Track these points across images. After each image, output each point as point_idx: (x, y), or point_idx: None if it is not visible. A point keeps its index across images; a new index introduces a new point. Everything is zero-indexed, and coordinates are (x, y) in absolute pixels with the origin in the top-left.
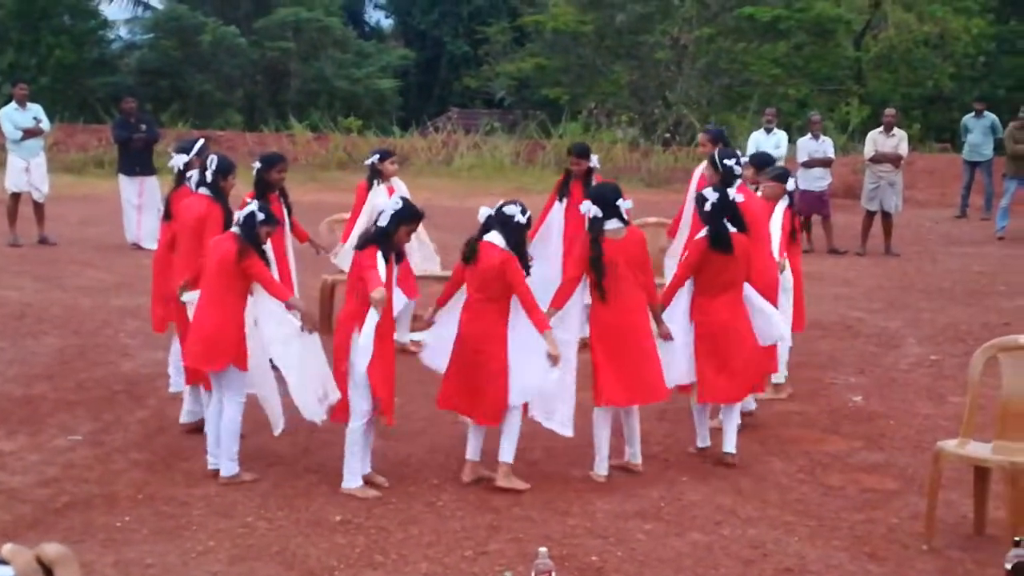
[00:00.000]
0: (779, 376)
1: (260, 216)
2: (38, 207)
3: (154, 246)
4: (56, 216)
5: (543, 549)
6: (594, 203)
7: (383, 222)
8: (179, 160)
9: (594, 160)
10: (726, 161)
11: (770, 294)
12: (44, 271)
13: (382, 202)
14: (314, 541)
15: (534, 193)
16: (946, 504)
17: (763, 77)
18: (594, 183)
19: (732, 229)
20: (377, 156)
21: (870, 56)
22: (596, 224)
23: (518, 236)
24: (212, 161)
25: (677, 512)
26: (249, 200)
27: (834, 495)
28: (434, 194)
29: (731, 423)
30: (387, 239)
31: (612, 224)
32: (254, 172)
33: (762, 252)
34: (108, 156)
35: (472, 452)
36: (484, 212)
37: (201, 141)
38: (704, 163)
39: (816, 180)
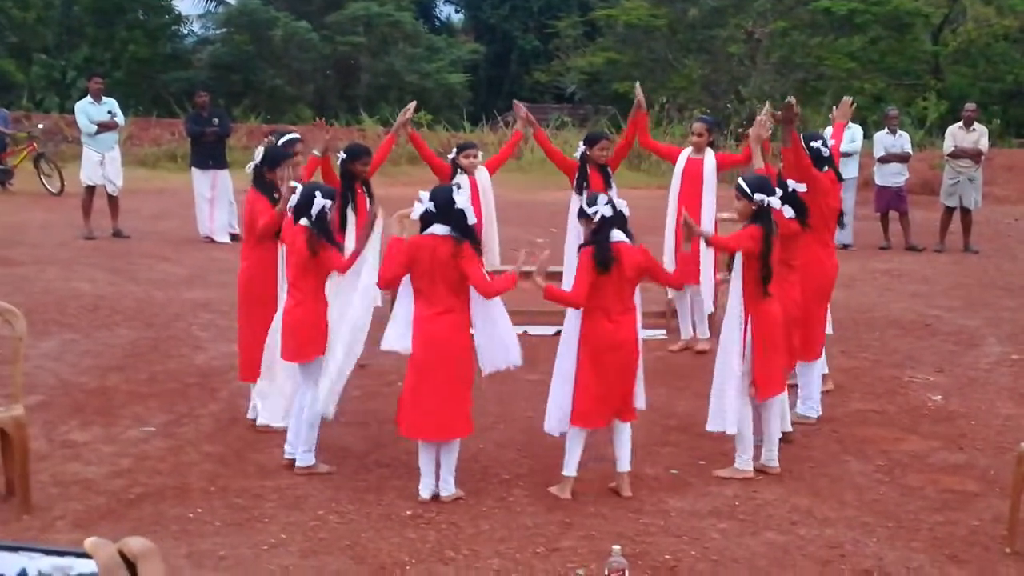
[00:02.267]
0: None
1: (326, 203)
2: (112, 200)
3: (226, 239)
4: (129, 209)
5: (616, 547)
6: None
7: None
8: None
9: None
10: (813, 143)
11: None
12: (117, 264)
13: (465, 194)
14: (385, 535)
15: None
16: None
17: (838, 71)
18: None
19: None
20: (456, 150)
21: (948, 50)
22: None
23: (463, 222)
24: (258, 153)
25: (752, 511)
26: (297, 185)
27: (913, 496)
28: (504, 189)
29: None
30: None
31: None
32: (338, 163)
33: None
34: (181, 150)
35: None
36: (419, 208)
37: (288, 136)
38: (690, 148)
39: (893, 176)
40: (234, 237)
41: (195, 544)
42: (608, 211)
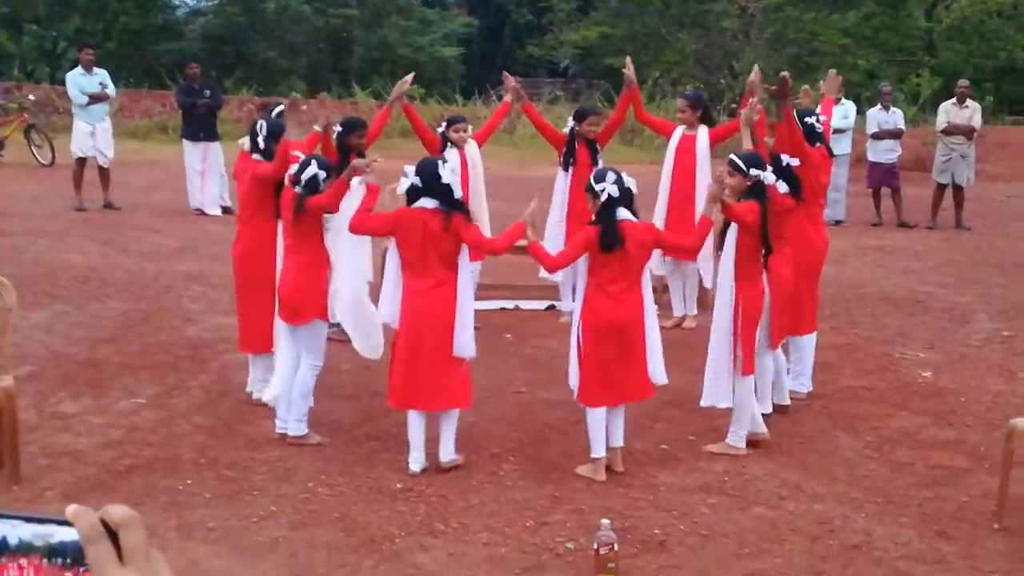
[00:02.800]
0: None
1: (322, 175)
2: (103, 172)
3: (217, 212)
4: (120, 181)
5: (605, 521)
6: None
7: None
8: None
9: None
10: (807, 119)
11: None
12: (109, 235)
13: (455, 166)
14: (375, 508)
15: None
16: (1018, 482)
17: (832, 47)
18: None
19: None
20: (446, 123)
21: (942, 27)
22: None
23: (449, 196)
24: (262, 127)
25: (741, 486)
26: (301, 155)
27: (903, 472)
28: (496, 163)
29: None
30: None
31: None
32: (334, 136)
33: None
34: (172, 122)
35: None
36: (405, 182)
37: (280, 107)
38: (683, 127)
39: (886, 152)
40: (225, 210)
41: (185, 516)
42: (615, 190)
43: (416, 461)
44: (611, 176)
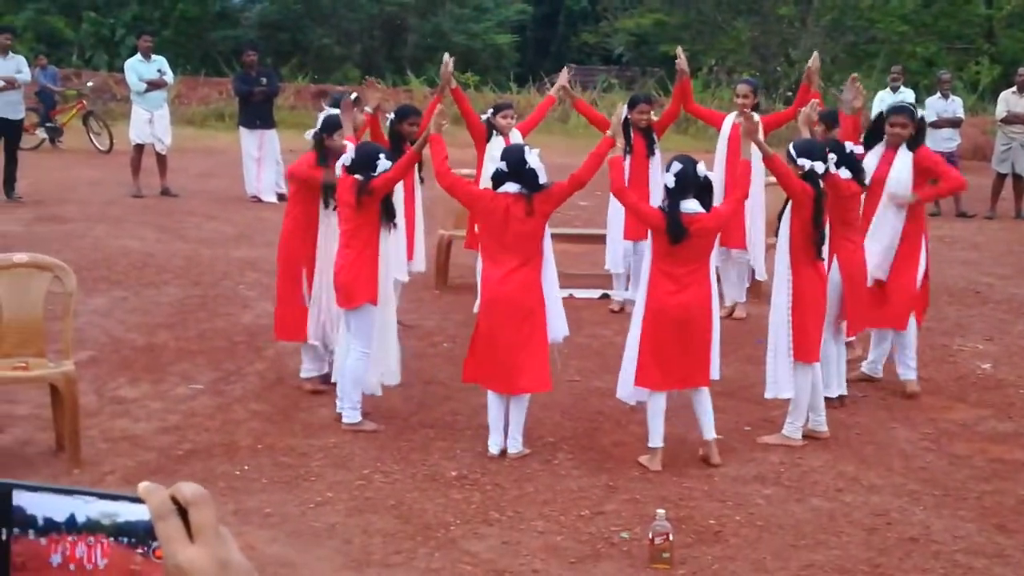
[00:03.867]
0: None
1: (387, 165)
2: (161, 159)
3: (273, 199)
4: (178, 168)
5: (661, 511)
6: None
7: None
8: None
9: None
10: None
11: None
12: (166, 222)
13: (499, 154)
14: (430, 496)
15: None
16: None
17: (890, 34)
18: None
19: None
20: (492, 110)
21: (1002, 14)
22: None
23: (534, 180)
24: (319, 118)
25: (797, 478)
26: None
27: (961, 464)
28: (549, 151)
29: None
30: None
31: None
32: (387, 124)
33: None
34: (229, 109)
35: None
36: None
37: (352, 96)
38: (735, 113)
39: (944, 141)
40: (281, 197)
41: (242, 501)
42: (671, 181)
43: (495, 444)
44: (674, 166)
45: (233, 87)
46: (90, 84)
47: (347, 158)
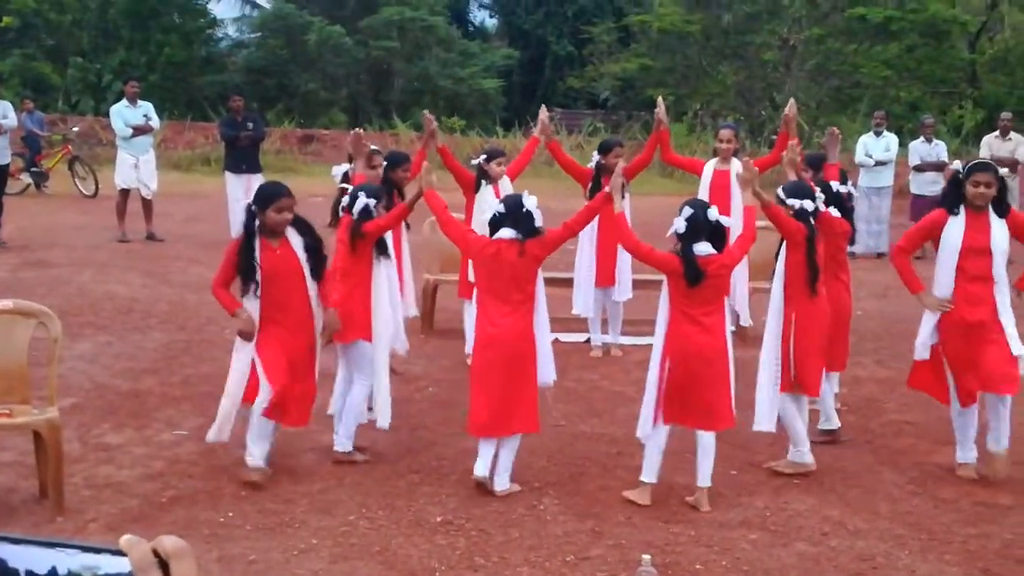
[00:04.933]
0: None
1: (372, 203)
2: (146, 203)
3: None
4: (163, 213)
5: (647, 556)
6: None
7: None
8: (338, 171)
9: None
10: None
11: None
12: (151, 267)
13: (490, 202)
14: (415, 541)
15: (637, 195)
16: None
17: (874, 79)
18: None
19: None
20: (484, 157)
21: (985, 58)
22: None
23: (530, 224)
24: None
25: (783, 522)
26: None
27: (947, 508)
28: (537, 194)
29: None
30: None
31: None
32: (380, 170)
33: None
34: (215, 154)
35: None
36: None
37: (371, 148)
38: (715, 160)
39: (929, 185)
40: None
41: (226, 548)
42: (681, 226)
43: (481, 468)
44: (686, 211)
45: (219, 132)
46: (76, 129)
47: (348, 199)
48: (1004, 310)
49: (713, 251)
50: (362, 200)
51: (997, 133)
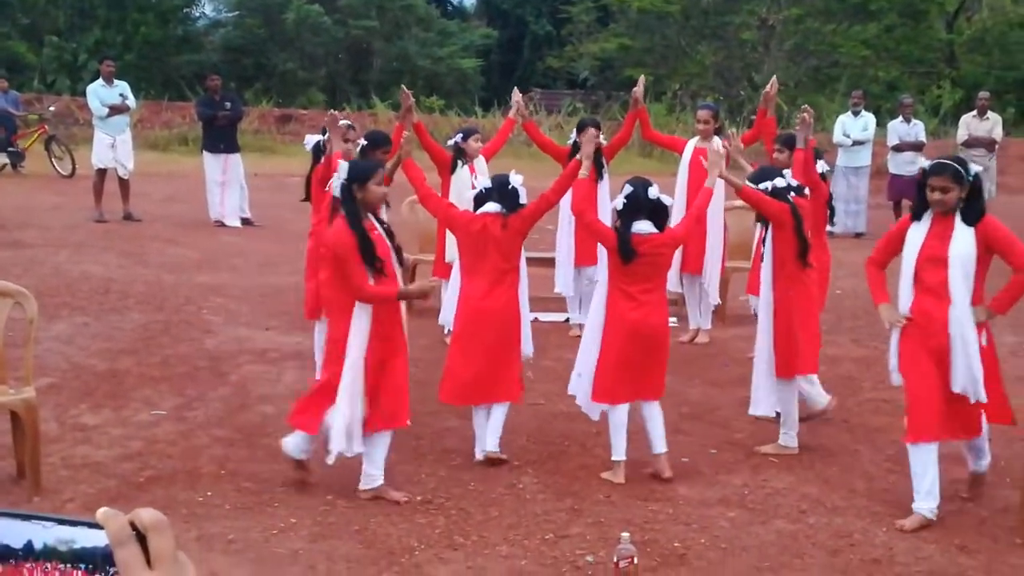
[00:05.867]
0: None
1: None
2: (123, 183)
3: (237, 223)
4: (140, 193)
5: (625, 534)
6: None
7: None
8: (311, 140)
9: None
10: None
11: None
12: (128, 247)
13: (465, 181)
14: (394, 521)
15: (618, 175)
16: None
17: (852, 59)
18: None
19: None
20: (460, 135)
21: (963, 39)
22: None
23: (514, 200)
24: (308, 141)
25: (761, 500)
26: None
27: None
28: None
29: None
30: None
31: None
32: (357, 150)
33: None
34: (192, 133)
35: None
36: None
37: (343, 122)
38: (696, 137)
39: (907, 164)
40: (245, 221)
41: (205, 527)
42: (619, 203)
43: (481, 451)
44: (626, 188)
45: (196, 111)
46: (52, 109)
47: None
48: (961, 338)
49: (654, 230)
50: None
51: (975, 113)
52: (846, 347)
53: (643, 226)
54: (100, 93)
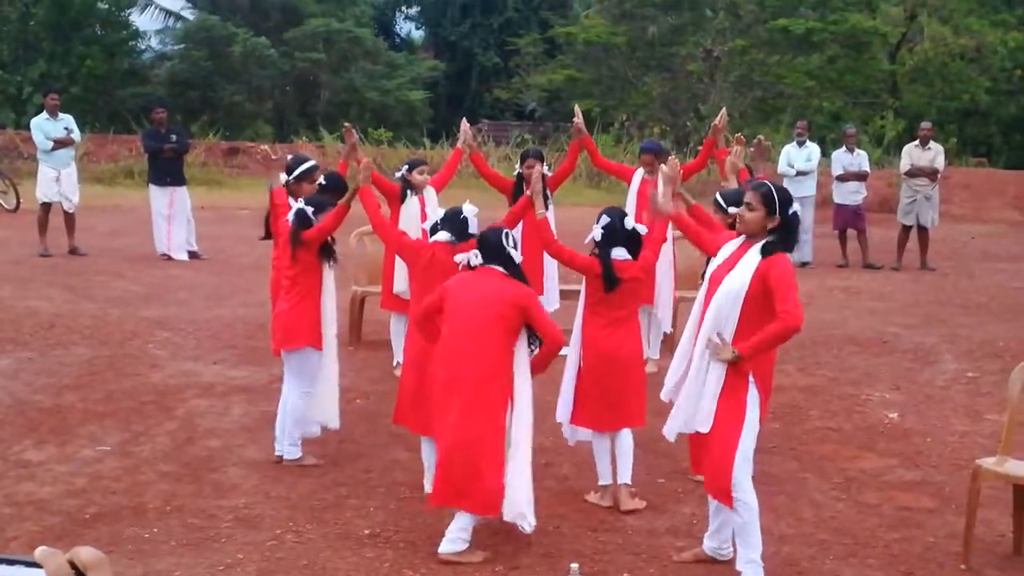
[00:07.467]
0: None
1: (309, 210)
2: (68, 217)
3: (184, 257)
4: (86, 227)
5: (575, 565)
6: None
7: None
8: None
9: (546, 168)
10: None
11: None
12: (74, 281)
13: (415, 212)
14: (343, 555)
15: (566, 205)
16: (984, 523)
17: (797, 90)
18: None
19: None
20: (406, 167)
21: (905, 69)
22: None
23: (463, 230)
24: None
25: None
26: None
27: (870, 513)
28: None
29: None
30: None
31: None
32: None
33: None
34: (138, 166)
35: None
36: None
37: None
38: (642, 169)
39: (851, 194)
40: (192, 255)
41: (151, 564)
42: (598, 233)
43: (430, 483)
44: (603, 219)
45: (142, 144)
46: None
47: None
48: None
49: (629, 257)
50: (297, 206)
51: (917, 143)
52: (792, 376)
53: (620, 253)
54: (44, 127)
